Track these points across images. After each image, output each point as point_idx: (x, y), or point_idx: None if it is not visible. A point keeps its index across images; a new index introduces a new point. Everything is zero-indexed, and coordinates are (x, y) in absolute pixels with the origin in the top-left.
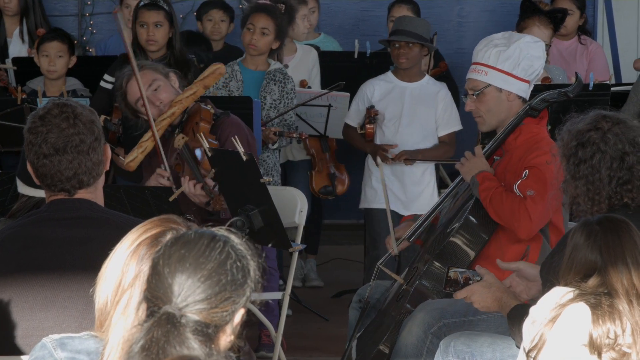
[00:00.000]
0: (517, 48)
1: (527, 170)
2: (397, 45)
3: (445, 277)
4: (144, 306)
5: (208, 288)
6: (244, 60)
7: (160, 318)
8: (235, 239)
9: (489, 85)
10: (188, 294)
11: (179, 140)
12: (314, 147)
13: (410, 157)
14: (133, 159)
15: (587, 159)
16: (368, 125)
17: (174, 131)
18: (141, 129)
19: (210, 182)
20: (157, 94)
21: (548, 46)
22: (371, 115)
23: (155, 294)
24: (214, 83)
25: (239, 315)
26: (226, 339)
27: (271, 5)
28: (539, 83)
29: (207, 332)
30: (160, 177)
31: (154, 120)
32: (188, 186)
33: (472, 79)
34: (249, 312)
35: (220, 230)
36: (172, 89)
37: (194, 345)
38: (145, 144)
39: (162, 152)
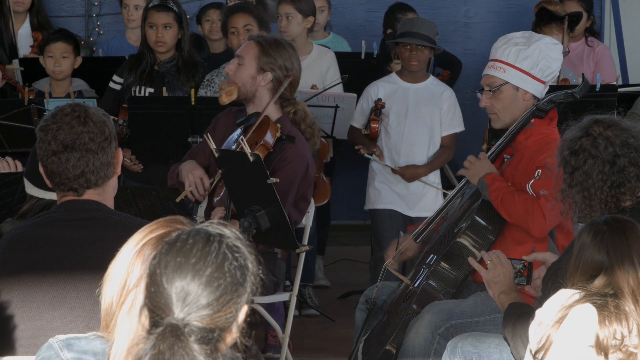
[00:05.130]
0: (537, 48)
1: (539, 170)
2: (407, 47)
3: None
4: (146, 313)
5: (209, 294)
6: None
7: (164, 331)
8: (229, 234)
9: (507, 82)
10: (189, 303)
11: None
12: None
13: (412, 177)
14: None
15: (580, 166)
16: (373, 123)
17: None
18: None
19: None
20: (238, 68)
21: (566, 52)
22: (378, 107)
23: (156, 304)
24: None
25: (242, 313)
26: (232, 337)
27: (242, 2)
28: (555, 84)
29: (212, 336)
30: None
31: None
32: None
33: (489, 75)
34: (255, 313)
35: (214, 227)
36: (251, 78)
37: (200, 358)
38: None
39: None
